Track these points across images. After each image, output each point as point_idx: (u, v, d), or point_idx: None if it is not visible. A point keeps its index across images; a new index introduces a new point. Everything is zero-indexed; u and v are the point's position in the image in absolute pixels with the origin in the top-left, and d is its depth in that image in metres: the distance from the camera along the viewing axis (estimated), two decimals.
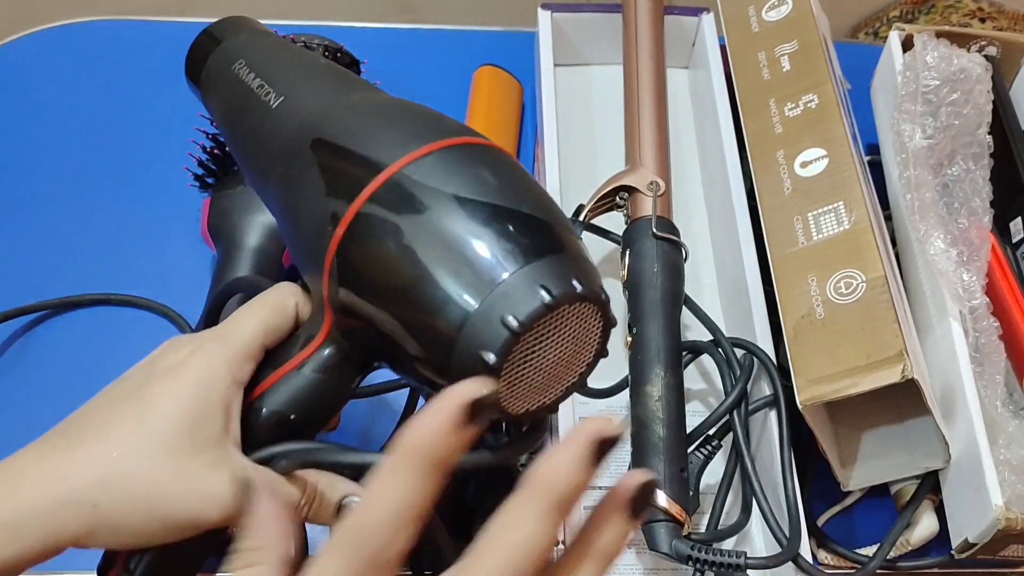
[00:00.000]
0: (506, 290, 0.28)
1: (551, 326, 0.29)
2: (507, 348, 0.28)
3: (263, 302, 0.35)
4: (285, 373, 0.35)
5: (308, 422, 0.35)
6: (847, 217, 0.52)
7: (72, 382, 0.58)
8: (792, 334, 0.50)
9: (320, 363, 0.35)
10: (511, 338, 0.28)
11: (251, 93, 0.39)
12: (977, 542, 0.49)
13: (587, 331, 0.31)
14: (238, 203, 0.58)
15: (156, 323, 0.60)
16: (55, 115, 0.69)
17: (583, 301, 0.29)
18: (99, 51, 0.72)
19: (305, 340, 0.35)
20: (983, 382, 0.51)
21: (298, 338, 0.35)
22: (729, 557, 0.46)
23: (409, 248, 0.30)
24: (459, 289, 0.29)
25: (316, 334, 0.35)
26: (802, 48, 0.59)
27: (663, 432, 0.49)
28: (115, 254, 0.63)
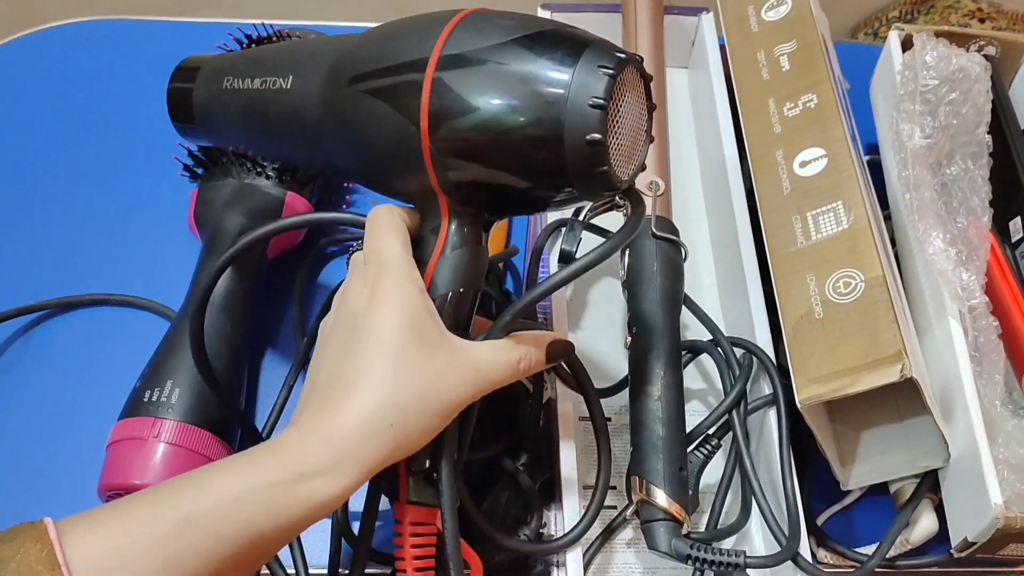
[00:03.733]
0: (578, 84, 0.35)
1: (620, 92, 0.36)
2: (603, 123, 0.35)
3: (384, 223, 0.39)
4: (436, 262, 0.40)
5: (474, 287, 0.41)
6: (846, 217, 0.52)
7: (72, 382, 0.58)
8: (791, 334, 0.50)
9: (456, 239, 0.40)
10: (603, 113, 0.35)
11: (259, 93, 0.44)
12: (976, 541, 0.49)
13: (638, 88, 0.38)
14: (224, 194, 0.58)
15: (156, 323, 0.60)
16: (54, 115, 0.69)
17: (629, 64, 0.36)
18: (98, 51, 0.72)
19: (433, 231, 0.40)
20: (982, 381, 0.51)
21: (425, 235, 0.40)
22: (729, 556, 0.46)
23: (486, 103, 0.36)
24: (543, 103, 0.35)
25: (440, 221, 0.40)
26: (801, 48, 0.59)
27: (663, 431, 0.49)
28: (114, 254, 0.63)
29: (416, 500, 0.40)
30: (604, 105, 0.35)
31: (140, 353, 0.54)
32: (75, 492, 0.54)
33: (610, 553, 0.53)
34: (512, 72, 0.35)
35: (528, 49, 0.36)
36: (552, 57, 0.35)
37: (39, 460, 0.56)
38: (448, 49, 0.37)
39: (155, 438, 0.49)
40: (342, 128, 0.40)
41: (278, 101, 0.43)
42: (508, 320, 0.40)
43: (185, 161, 0.59)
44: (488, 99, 0.36)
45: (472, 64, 0.36)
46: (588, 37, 0.37)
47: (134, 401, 0.51)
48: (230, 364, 0.53)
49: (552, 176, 0.36)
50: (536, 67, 0.35)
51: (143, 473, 0.48)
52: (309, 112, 0.41)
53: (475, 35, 0.37)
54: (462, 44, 0.37)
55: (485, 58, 0.36)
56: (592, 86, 0.35)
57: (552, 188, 0.38)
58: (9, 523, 0.53)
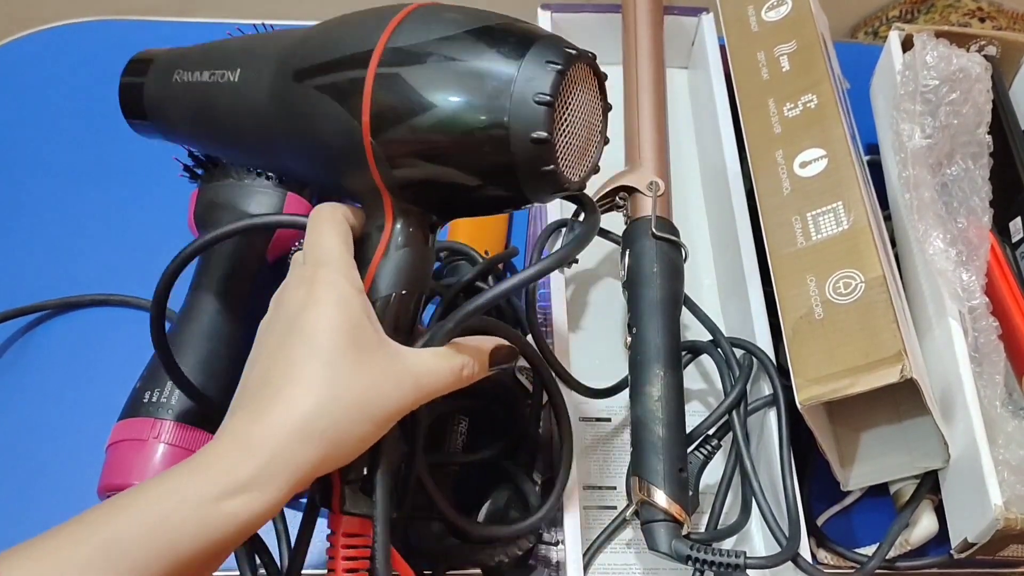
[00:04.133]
0: (524, 79, 0.34)
1: (568, 89, 0.35)
2: (549, 120, 0.34)
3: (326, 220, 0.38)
4: (379, 262, 0.39)
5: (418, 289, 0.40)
6: (846, 217, 0.52)
7: (71, 382, 0.58)
8: (791, 334, 0.50)
9: (401, 238, 0.39)
10: (548, 110, 0.34)
11: (208, 85, 0.43)
12: (976, 542, 0.49)
13: (590, 86, 0.37)
14: (224, 195, 0.58)
15: None
16: (54, 115, 0.69)
17: (579, 60, 0.36)
18: (98, 51, 0.72)
19: (376, 231, 0.39)
20: (982, 382, 0.51)
21: (369, 234, 0.39)
22: (729, 557, 0.46)
23: (430, 99, 0.35)
24: (488, 99, 0.34)
25: (383, 220, 0.39)
26: (801, 48, 0.59)
27: (663, 432, 0.49)
28: (114, 255, 0.63)
29: (350, 511, 0.37)
30: (550, 102, 0.34)
31: (140, 354, 0.54)
32: (75, 493, 0.54)
33: (610, 554, 0.53)
34: (457, 67, 0.35)
35: (474, 43, 0.35)
36: (499, 51, 0.35)
37: (39, 461, 0.56)
38: (393, 43, 0.36)
39: (155, 439, 0.49)
40: (288, 124, 0.39)
41: (226, 94, 0.42)
42: (451, 327, 0.38)
43: (185, 162, 0.59)
44: (432, 95, 0.35)
45: (416, 59, 0.35)
46: (538, 32, 0.36)
47: (134, 402, 0.51)
48: (229, 366, 0.53)
49: (498, 175, 0.36)
50: (481, 61, 0.34)
51: (143, 474, 0.48)
52: (257, 106, 0.40)
53: (421, 29, 0.36)
54: (408, 38, 0.36)
55: (430, 51, 0.35)
56: (538, 81, 0.34)
57: (499, 187, 0.37)
58: (9, 523, 0.53)
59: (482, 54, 0.35)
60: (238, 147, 0.44)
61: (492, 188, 0.37)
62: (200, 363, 0.52)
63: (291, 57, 0.39)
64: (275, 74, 0.40)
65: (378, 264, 0.38)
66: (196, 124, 0.45)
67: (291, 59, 0.39)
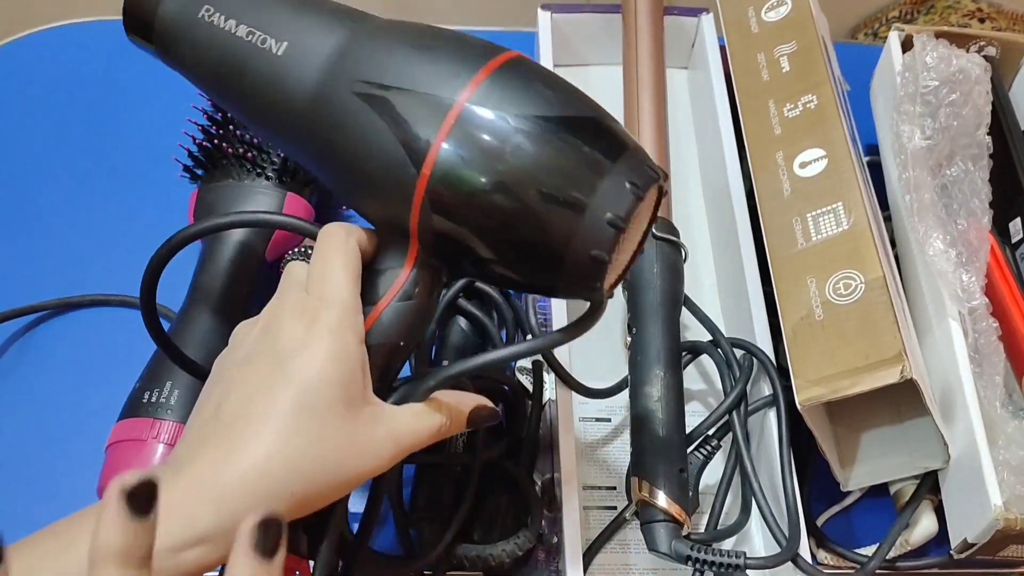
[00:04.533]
0: (603, 194, 0.32)
1: (638, 212, 0.33)
2: (615, 243, 0.33)
3: (339, 251, 0.35)
4: (385, 307, 0.36)
5: (414, 341, 0.37)
6: (846, 218, 0.52)
7: (71, 383, 0.58)
8: (791, 335, 0.50)
9: (414, 288, 0.36)
10: (617, 234, 0.32)
11: (241, 43, 0.37)
12: (976, 542, 0.49)
13: (651, 205, 0.36)
14: (224, 196, 0.58)
15: None
16: (54, 115, 0.69)
17: (656, 183, 0.34)
18: (98, 51, 0.72)
19: (391, 271, 0.36)
20: (982, 383, 0.51)
21: (380, 271, 0.36)
22: (728, 557, 0.46)
23: (502, 175, 0.32)
24: (562, 204, 0.32)
25: (402, 263, 0.36)
26: (801, 49, 0.59)
27: (663, 432, 0.49)
28: (114, 255, 0.63)
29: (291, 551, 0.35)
30: (622, 227, 0.32)
31: (139, 354, 0.54)
32: (75, 493, 0.54)
33: (610, 554, 0.53)
34: (539, 153, 0.32)
35: (562, 134, 0.32)
36: (586, 153, 0.32)
37: (39, 461, 0.56)
38: (477, 100, 0.33)
39: (154, 439, 0.49)
40: (328, 131, 0.35)
41: (261, 64, 0.36)
42: (431, 385, 0.36)
43: (185, 162, 0.59)
44: (506, 171, 0.32)
45: (498, 128, 0.32)
46: (627, 141, 0.34)
47: (133, 402, 0.51)
48: None
49: (542, 270, 0.34)
50: (565, 159, 0.32)
51: None
52: (295, 95, 0.36)
53: (510, 93, 0.33)
54: (493, 100, 0.33)
55: (515, 126, 0.32)
56: (616, 202, 0.32)
57: (535, 278, 0.35)
58: (8, 523, 0.53)
59: (567, 150, 0.32)
60: (253, 120, 0.39)
61: (527, 272, 0.35)
62: (201, 362, 0.51)
63: (354, 59, 0.35)
64: (329, 70, 0.35)
65: (383, 310, 0.36)
66: (212, 77, 0.39)
67: (354, 62, 0.35)
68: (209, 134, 0.58)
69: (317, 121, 0.36)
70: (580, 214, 0.32)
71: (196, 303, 0.54)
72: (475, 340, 0.54)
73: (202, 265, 0.56)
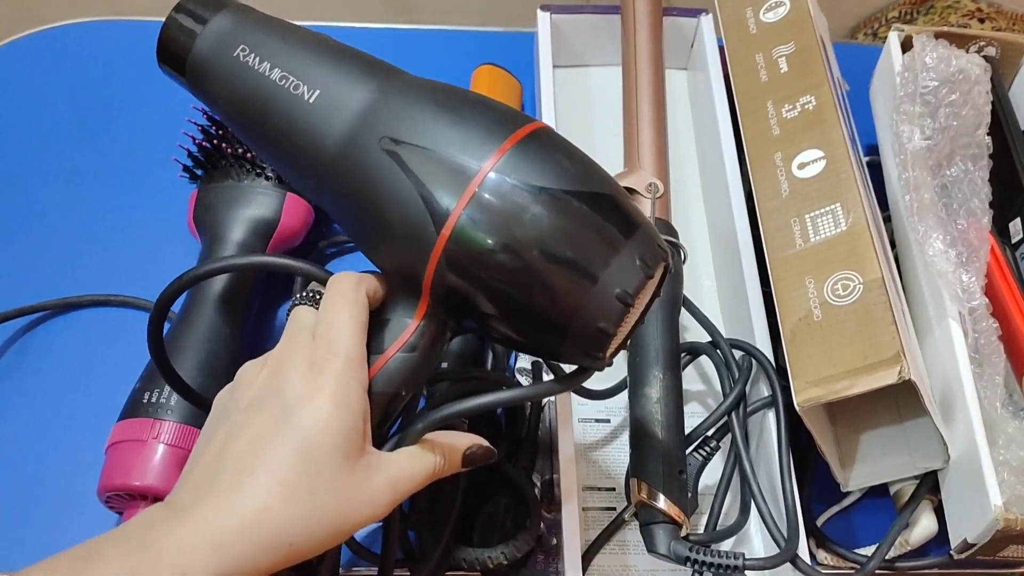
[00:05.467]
0: (614, 269, 0.33)
1: (646, 288, 0.35)
2: (622, 317, 0.34)
3: (348, 301, 0.36)
4: (390, 357, 0.37)
5: (414, 391, 0.38)
6: (844, 219, 0.52)
7: (72, 383, 0.58)
8: (790, 336, 0.50)
9: (420, 339, 0.37)
10: (625, 309, 0.34)
11: (274, 87, 0.38)
12: (976, 542, 0.49)
13: (656, 280, 0.36)
14: (224, 197, 0.58)
15: None
16: (54, 116, 0.69)
17: (664, 262, 0.35)
18: (97, 52, 0.72)
19: (398, 321, 0.37)
20: (982, 383, 0.51)
21: (388, 319, 0.37)
22: (727, 558, 0.46)
23: (518, 243, 0.33)
24: (574, 276, 0.33)
25: (411, 314, 0.37)
26: (800, 50, 0.59)
27: (662, 434, 0.49)
28: (115, 255, 0.63)
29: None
30: (630, 303, 0.34)
31: (140, 354, 0.53)
32: (75, 493, 0.54)
33: (609, 555, 0.53)
34: (556, 226, 0.33)
35: (579, 209, 0.34)
36: (600, 230, 0.34)
37: (39, 461, 0.56)
38: (501, 169, 0.34)
39: (154, 439, 0.49)
40: (352, 181, 0.36)
41: (292, 110, 0.37)
42: (421, 428, 0.37)
43: (184, 162, 0.59)
44: (523, 240, 0.33)
45: (518, 198, 0.33)
46: (639, 219, 0.35)
47: (133, 402, 0.51)
48: (229, 367, 0.53)
49: (548, 336, 0.35)
50: (581, 233, 0.33)
51: (142, 475, 0.48)
52: (322, 143, 0.37)
53: (533, 165, 0.34)
54: (516, 170, 0.34)
55: (534, 198, 0.33)
56: (626, 279, 0.33)
57: (540, 342, 0.36)
58: (8, 523, 0.53)
59: (584, 224, 0.34)
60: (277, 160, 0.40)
61: (533, 336, 0.35)
62: (199, 364, 0.52)
63: (385, 115, 0.36)
64: (359, 122, 0.36)
65: (389, 360, 0.36)
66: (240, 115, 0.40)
67: (384, 117, 0.36)
68: (209, 134, 0.58)
69: (342, 170, 0.36)
70: (591, 287, 0.33)
71: (196, 303, 0.54)
72: (474, 345, 0.54)
73: (202, 264, 0.56)
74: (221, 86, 0.40)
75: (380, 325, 0.37)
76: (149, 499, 0.49)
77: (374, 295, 0.37)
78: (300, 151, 0.38)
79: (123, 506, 0.50)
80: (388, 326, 0.37)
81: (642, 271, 0.34)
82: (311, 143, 0.37)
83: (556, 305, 0.34)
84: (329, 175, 0.37)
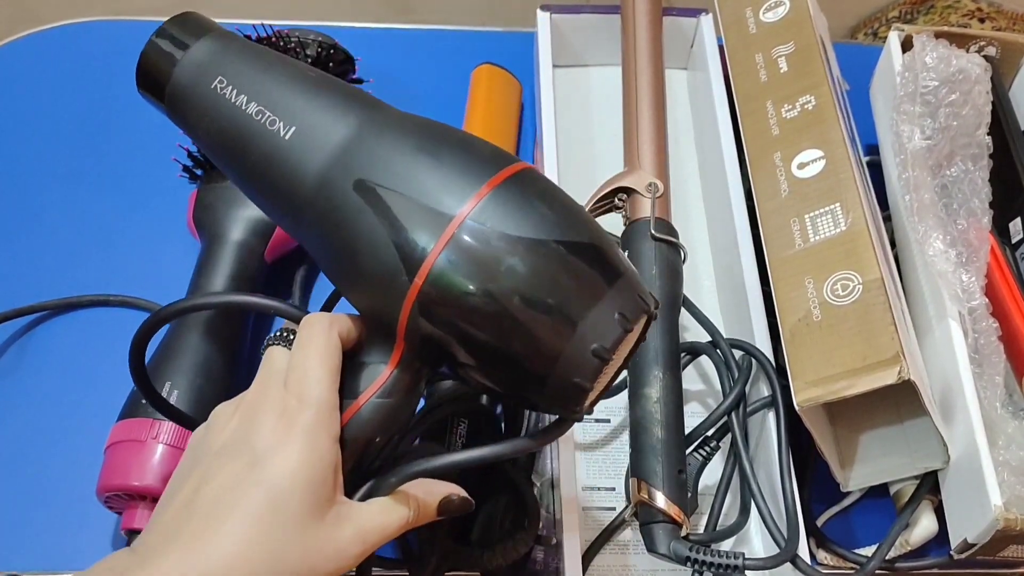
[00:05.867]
0: (591, 323, 0.32)
1: (624, 341, 0.33)
2: (598, 372, 0.33)
3: (320, 347, 0.35)
4: (364, 403, 0.35)
5: (390, 438, 0.37)
6: (844, 219, 0.52)
7: (71, 383, 0.58)
8: (789, 336, 0.50)
9: (395, 386, 0.36)
10: (601, 364, 0.32)
11: (250, 121, 0.37)
12: (976, 543, 0.49)
13: (637, 333, 0.35)
14: (223, 197, 0.58)
15: None
16: (54, 116, 0.69)
17: (645, 313, 0.34)
18: (97, 52, 0.72)
19: (373, 366, 0.36)
20: (982, 383, 0.51)
21: (362, 364, 0.36)
22: (727, 558, 0.46)
23: (493, 292, 0.32)
24: (549, 329, 0.32)
25: (385, 360, 0.36)
26: (799, 49, 0.59)
27: (661, 434, 0.49)
28: (114, 255, 0.63)
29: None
30: (606, 359, 0.32)
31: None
32: (74, 493, 0.54)
33: (609, 555, 0.53)
34: (532, 276, 0.32)
35: (557, 259, 0.32)
36: (577, 281, 0.32)
37: (38, 461, 0.56)
38: (476, 216, 0.32)
39: (153, 439, 0.49)
40: (326, 220, 0.35)
41: (267, 145, 0.36)
42: (394, 482, 0.36)
43: (184, 162, 0.59)
44: (498, 290, 0.32)
45: (494, 246, 0.32)
46: (621, 268, 0.34)
47: (132, 402, 0.51)
48: (228, 368, 0.53)
49: (524, 387, 0.34)
50: (557, 285, 0.32)
51: (141, 475, 0.48)
52: (297, 181, 0.36)
53: (511, 211, 0.33)
54: (493, 217, 0.32)
55: (511, 247, 0.32)
56: (603, 333, 0.32)
57: (516, 393, 0.35)
58: (8, 523, 0.53)
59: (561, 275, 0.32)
60: (252, 193, 0.39)
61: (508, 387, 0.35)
62: (198, 365, 0.52)
63: (360, 155, 0.35)
64: (334, 162, 0.35)
65: (362, 407, 0.35)
66: (216, 146, 0.39)
67: (359, 158, 0.35)
68: None
69: (315, 209, 0.35)
70: (566, 341, 0.32)
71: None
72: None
73: (201, 265, 0.56)
74: (199, 117, 0.39)
75: (355, 368, 0.36)
76: (148, 499, 0.49)
77: (348, 336, 0.36)
78: (275, 188, 0.37)
79: (122, 506, 0.50)
80: (363, 370, 0.36)
81: (620, 325, 0.32)
82: (286, 181, 0.36)
83: (531, 357, 0.32)
84: (304, 215, 0.36)
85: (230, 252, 0.56)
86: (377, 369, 0.36)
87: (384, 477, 0.36)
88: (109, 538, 0.53)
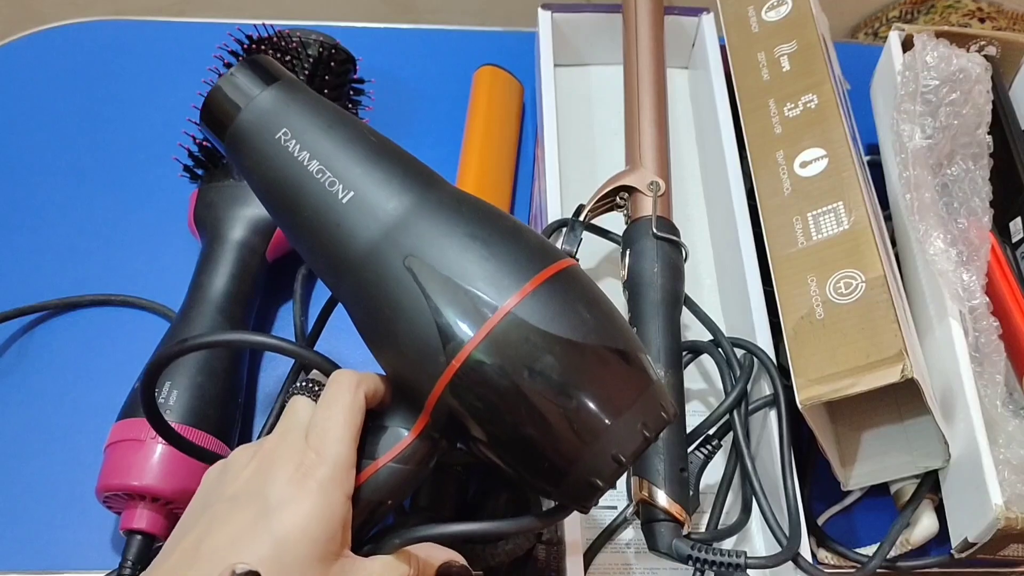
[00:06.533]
0: (615, 431, 0.33)
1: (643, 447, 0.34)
2: (616, 477, 0.34)
3: (346, 406, 0.36)
4: (379, 468, 0.36)
5: (399, 501, 0.38)
6: (846, 217, 0.52)
7: (72, 382, 0.58)
8: (792, 334, 0.50)
9: (413, 455, 0.37)
10: (620, 469, 0.34)
11: (310, 179, 0.38)
12: (977, 541, 0.49)
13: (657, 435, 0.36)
14: (224, 196, 0.58)
15: (156, 324, 0.60)
16: (54, 116, 0.69)
17: (666, 424, 0.35)
18: (97, 52, 0.72)
19: (394, 431, 0.37)
20: (983, 382, 0.51)
21: (383, 425, 0.37)
22: (729, 557, 0.46)
23: (526, 387, 0.33)
24: (575, 432, 0.33)
25: (408, 427, 0.37)
26: (801, 48, 0.59)
27: (663, 432, 0.49)
28: (115, 255, 0.63)
29: None
30: (625, 465, 0.34)
31: (139, 354, 0.54)
32: (74, 493, 0.54)
33: (610, 553, 0.53)
34: (565, 377, 0.33)
35: (591, 364, 0.34)
36: (607, 388, 0.34)
37: (38, 461, 0.56)
38: (520, 310, 0.33)
39: (153, 439, 0.49)
40: (372, 286, 0.36)
41: (324, 204, 0.37)
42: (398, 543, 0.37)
43: (185, 162, 0.59)
44: (530, 385, 0.33)
45: (533, 343, 0.33)
46: (649, 378, 0.35)
47: (132, 402, 0.51)
48: (229, 366, 0.53)
49: (540, 478, 0.35)
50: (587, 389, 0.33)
51: (141, 474, 0.48)
52: (348, 244, 0.37)
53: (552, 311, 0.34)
54: (535, 314, 0.33)
55: (549, 345, 0.33)
56: (625, 442, 0.33)
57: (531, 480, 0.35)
58: (8, 523, 0.53)
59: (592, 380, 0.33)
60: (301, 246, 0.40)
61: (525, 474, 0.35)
62: (200, 364, 0.51)
63: (415, 233, 0.36)
64: (387, 234, 0.36)
65: (379, 469, 0.36)
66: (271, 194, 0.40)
67: (414, 235, 0.36)
68: None
69: (362, 273, 0.36)
70: (589, 445, 0.33)
71: (196, 303, 0.54)
72: None
73: (202, 264, 0.56)
74: (258, 163, 0.39)
75: (376, 430, 0.37)
76: (147, 499, 0.49)
77: (373, 396, 0.37)
78: (324, 247, 0.38)
79: (121, 506, 0.50)
80: (384, 433, 0.37)
81: (642, 436, 0.34)
82: (337, 242, 0.37)
83: (552, 453, 0.33)
84: (349, 276, 0.37)
85: (231, 251, 0.56)
86: (398, 434, 0.37)
87: (389, 537, 0.37)
88: (108, 538, 0.53)
